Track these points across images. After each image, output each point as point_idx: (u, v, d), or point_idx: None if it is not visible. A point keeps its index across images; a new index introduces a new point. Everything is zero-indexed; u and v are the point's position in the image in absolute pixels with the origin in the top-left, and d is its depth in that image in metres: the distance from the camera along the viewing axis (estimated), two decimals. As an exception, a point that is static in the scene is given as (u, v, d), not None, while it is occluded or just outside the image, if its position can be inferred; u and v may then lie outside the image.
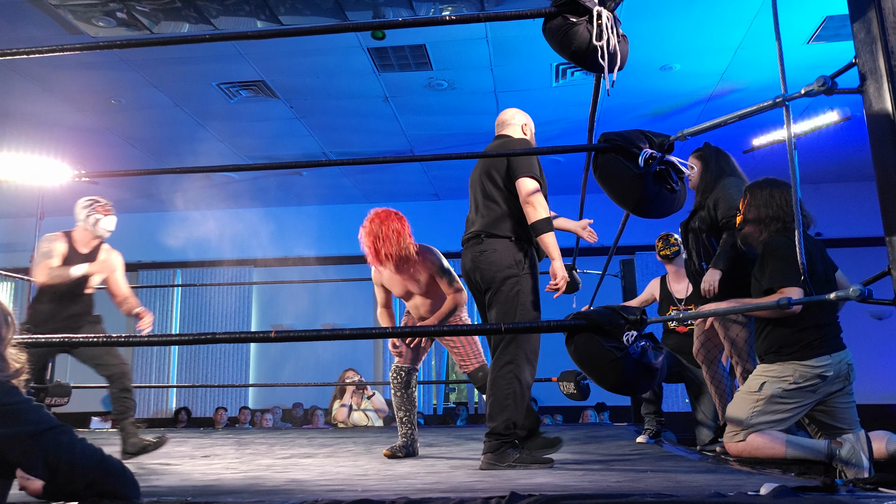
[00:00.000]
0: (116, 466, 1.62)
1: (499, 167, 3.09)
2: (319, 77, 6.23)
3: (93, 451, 1.59)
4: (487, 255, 3.04)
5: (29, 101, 6.53)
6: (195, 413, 9.36)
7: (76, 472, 1.52)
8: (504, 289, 2.99)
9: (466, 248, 3.16)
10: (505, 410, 2.91)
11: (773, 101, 1.76)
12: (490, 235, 3.07)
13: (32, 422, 1.49)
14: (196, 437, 4.87)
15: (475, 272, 3.09)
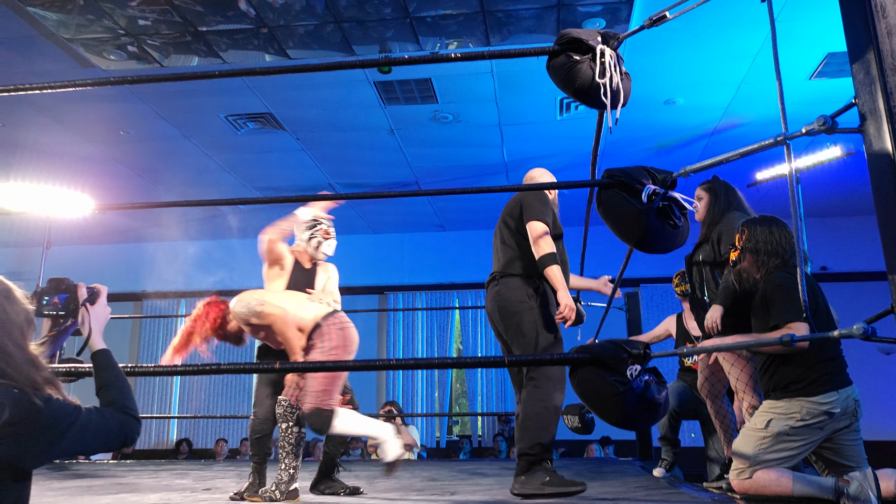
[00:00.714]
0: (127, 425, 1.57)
1: (513, 214, 3.33)
2: (326, 109, 6.30)
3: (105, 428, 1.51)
4: (502, 293, 3.22)
5: (40, 133, 6.60)
6: (196, 444, 9.30)
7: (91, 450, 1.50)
8: (518, 322, 3.15)
9: (488, 289, 3.35)
10: (529, 430, 3.00)
11: (775, 140, 1.78)
12: (504, 275, 3.27)
13: (48, 429, 1.41)
14: (197, 469, 4.83)
15: (494, 311, 3.26)
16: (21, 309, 1.51)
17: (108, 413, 1.53)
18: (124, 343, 9.91)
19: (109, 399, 1.58)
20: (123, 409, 1.56)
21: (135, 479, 3.91)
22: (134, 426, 1.56)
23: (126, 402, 1.58)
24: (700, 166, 1.97)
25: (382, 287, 9.92)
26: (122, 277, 9.65)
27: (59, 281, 1.78)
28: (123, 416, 1.55)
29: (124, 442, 1.54)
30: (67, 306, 1.75)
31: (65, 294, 1.75)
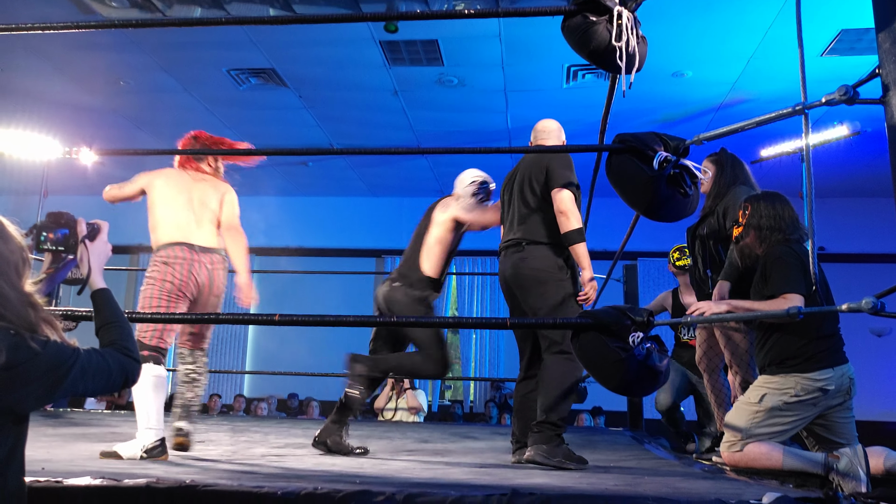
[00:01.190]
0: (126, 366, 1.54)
1: (537, 177, 3.15)
2: (330, 67, 6.22)
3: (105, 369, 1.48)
4: (528, 261, 3.08)
5: (38, 79, 6.52)
6: (189, 399, 9.35)
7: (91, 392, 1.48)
8: (542, 292, 3.03)
9: (506, 255, 3.18)
10: (563, 402, 2.95)
11: (793, 109, 1.75)
12: (531, 242, 3.11)
13: (47, 373, 1.38)
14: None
15: (516, 279, 3.11)
16: (16, 247, 1.47)
17: (108, 354, 1.51)
18: (119, 296, 9.87)
19: (110, 339, 1.56)
20: (124, 350, 1.54)
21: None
22: (135, 368, 1.54)
23: (127, 344, 1.55)
24: (713, 134, 1.94)
25: (379, 250, 9.91)
26: (118, 230, 9.55)
27: (59, 215, 1.73)
28: (124, 357, 1.53)
29: (125, 383, 1.52)
30: (66, 241, 1.70)
31: (64, 229, 1.71)
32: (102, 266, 1.71)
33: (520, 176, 3.23)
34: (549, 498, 1.51)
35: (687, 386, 4.59)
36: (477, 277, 9.45)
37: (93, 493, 1.62)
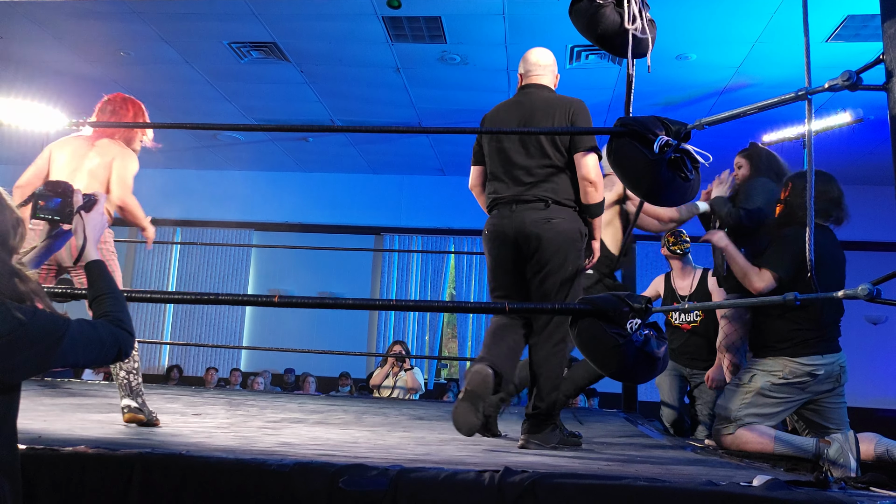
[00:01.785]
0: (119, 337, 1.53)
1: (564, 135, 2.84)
2: (332, 43, 6.17)
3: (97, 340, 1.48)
4: (556, 224, 2.78)
5: (38, 48, 6.46)
6: (187, 372, 9.40)
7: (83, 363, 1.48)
8: (564, 260, 2.78)
9: (520, 209, 2.82)
10: (554, 391, 2.81)
11: (796, 94, 1.74)
12: (558, 203, 2.81)
13: (35, 343, 1.37)
14: (187, 396, 4.89)
15: (537, 239, 2.78)
16: (8, 218, 1.45)
17: (100, 325, 1.50)
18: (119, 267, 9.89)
19: (103, 311, 1.55)
20: (118, 322, 1.53)
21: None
22: (128, 340, 1.53)
23: (120, 315, 1.55)
24: (715, 119, 1.94)
25: (379, 228, 9.91)
26: (118, 202, 9.57)
27: (56, 184, 1.72)
28: (118, 329, 1.52)
29: (118, 356, 1.51)
30: (62, 210, 1.70)
31: (60, 199, 1.70)
32: (98, 237, 1.70)
33: (534, 121, 2.86)
34: (540, 476, 1.53)
35: (684, 388, 4.59)
36: (476, 257, 9.46)
37: (88, 461, 1.63)
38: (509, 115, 2.93)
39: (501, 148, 2.88)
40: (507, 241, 2.85)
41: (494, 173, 2.92)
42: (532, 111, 2.87)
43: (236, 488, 1.58)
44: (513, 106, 2.95)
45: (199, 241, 9.73)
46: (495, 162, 2.92)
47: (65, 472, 1.60)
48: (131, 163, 3.25)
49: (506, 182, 2.87)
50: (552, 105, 2.87)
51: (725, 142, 7.15)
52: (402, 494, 1.53)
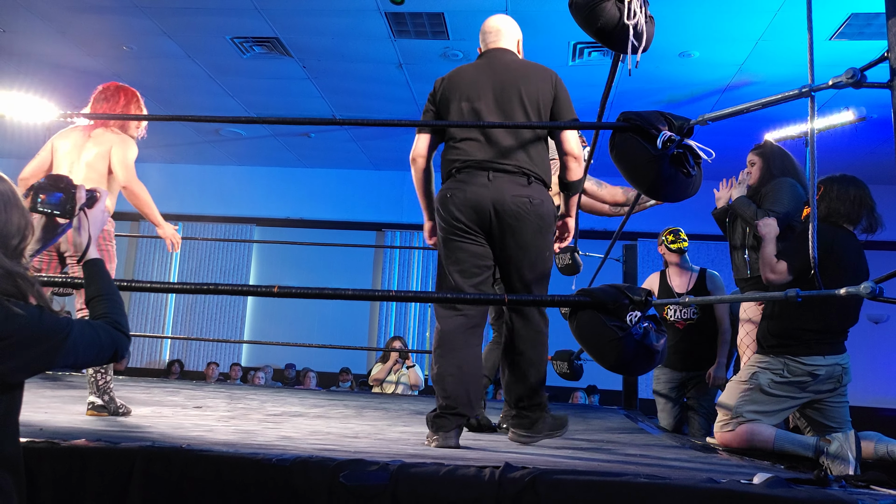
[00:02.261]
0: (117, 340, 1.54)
1: (545, 100, 2.60)
2: (334, 38, 6.17)
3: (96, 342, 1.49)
4: (537, 205, 2.55)
5: (41, 42, 6.46)
6: (188, 366, 9.42)
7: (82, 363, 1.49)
8: (545, 246, 2.59)
9: (498, 179, 2.54)
10: (542, 377, 2.63)
11: (800, 91, 1.74)
12: (538, 179, 2.59)
13: (40, 343, 1.37)
14: (188, 389, 4.89)
15: (514, 219, 2.53)
16: (21, 219, 1.45)
17: (99, 327, 1.51)
18: (119, 261, 9.91)
19: (101, 311, 1.56)
20: (115, 324, 1.54)
21: (127, 394, 3.95)
22: (125, 343, 1.54)
23: (118, 318, 1.56)
24: (718, 115, 1.93)
25: (380, 224, 9.91)
26: (120, 196, 9.58)
27: (59, 179, 1.69)
28: (115, 331, 1.53)
29: (113, 357, 1.52)
30: (63, 206, 1.67)
31: (61, 193, 1.68)
32: (98, 235, 1.69)
33: (512, 87, 2.60)
34: (541, 472, 1.53)
35: (683, 412, 4.57)
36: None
37: (90, 454, 1.63)
38: (479, 77, 2.64)
39: (475, 109, 2.61)
40: (484, 212, 2.55)
41: (463, 135, 2.62)
42: (507, 73, 2.62)
43: (237, 482, 1.59)
44: (482, 68, 2.67)
45: (200, 237, 9.73)
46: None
47: (66, 466, 1.61)
48: (130, 148, 3.27)
49: (479, 142, 2.58)
50: (529, 69, 2.64)
51: (728, 140, 7.16)
52: (403, 489, 1.53)
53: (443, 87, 2.69)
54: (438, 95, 2.70)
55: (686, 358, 4.37)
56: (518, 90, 2.58)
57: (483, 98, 2.59)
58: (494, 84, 2.60)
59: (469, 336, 2.57)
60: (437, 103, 2.71)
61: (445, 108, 2.67)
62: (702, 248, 9.15)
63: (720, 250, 9.17)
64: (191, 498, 1.59)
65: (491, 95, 2.59)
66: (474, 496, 1.51)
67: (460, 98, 2.62)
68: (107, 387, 3.01)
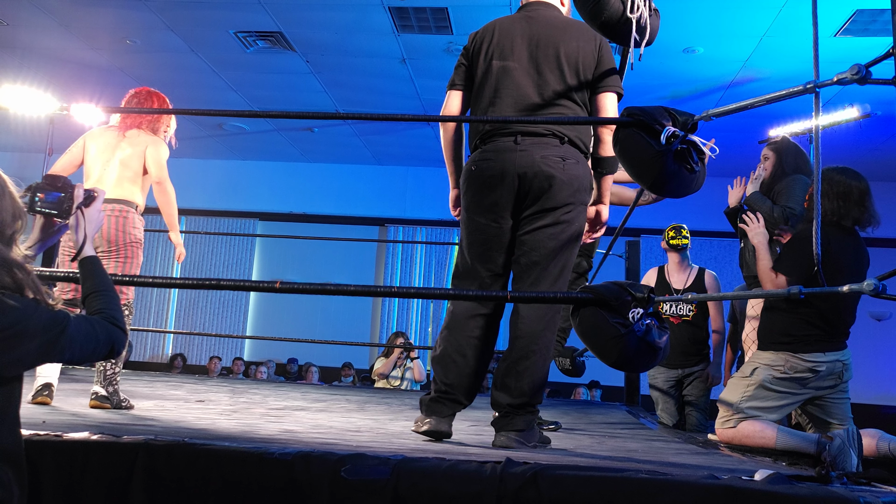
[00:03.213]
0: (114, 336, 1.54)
1: (587, 61, 2.38)
2: (338, 33, 6.16)
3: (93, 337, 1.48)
4: (571, 167, 2.32)
5: (44, 35, 6.46)
6: (190, 360, 9.44)
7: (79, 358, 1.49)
8: (569, 219, 2.35)
9: (527, 144, 2.32)
10: (545, 383, 2.42)
11: (805, 87, 1.73)
12: (572, 143, 2.36)
13: (36, 337, 1.37)
14: (191, 383, 4.90)
15: (545, 179, 2.30)
16: (9, 206, 1.45)
17: (96, 322, 1.51)
18: (122, 256, 9.92)
19: (97, 307, 1.56)
20: (111, 319, 1.54)
21: (130, 388, 3.96)
22: (121, 338, 1.55)
23: (114, 313, 1.56)
24: (723, 110, 1.93)
25: (383, 219, 9.92)
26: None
27: (56, 178, 1.69)
28: (111, 326, 1.53)
29: (110, 353, 1.52)
30: (60, 206, 1.67)
31: (59, 193, 1.68)
32: (94, 234, 1.69)
33: (549, 45, 2.38)
34: (543, 468, 1.53)
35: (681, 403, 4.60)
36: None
37: (92, 447, 1.63)
38: (514, 31, 2.43)
39: (505, 68, 2.40)
40: (508, 181, 2.34)
41: (492, 99, 2.42)
42: (547, 29, 2.40)
43: (239, 475, 1.59)
44: (520, 21, 2.45)
45: (203, 231, 9.74)
46: (498, 84, 2.42)
47: (68, 458, 1.61)
48: (163, 148, 3.40)
49: (509, 109, 2.40)
50: (572, 26, 2.41)
51: (731, 136, 7.15)
52: (404, 483, 1.53)
53: (475, 41, 2.50)
54: (472, 50, 2.50)
55: (679, 354, 4.41)
56: (556, 48, 2.36)
57: (516, 55, 2.38)
58: (531, 40, 2.39)
59: (480, 322, 2.40)
60: (469, 58, 2.51)
61: (476, 63, 2.47)
62: (704, 244, 9.15)
63: (723, 247, 9.17)
64: (193, 491, 1.59)
65: (525, 52, 2.39)
66: (476, 491, 1.51)
67: (492, 54, 2.42)
68: (114, 378, 3.04)
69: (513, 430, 2.33)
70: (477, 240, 2.42)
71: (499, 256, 2.42)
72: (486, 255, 2.42)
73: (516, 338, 2.38)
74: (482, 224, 2.40)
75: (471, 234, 2.43)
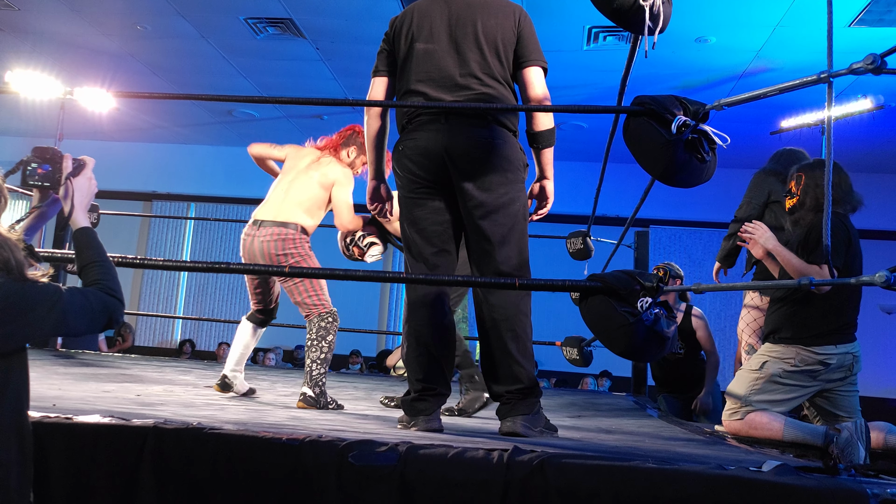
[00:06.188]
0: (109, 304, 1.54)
1: (506, 38, 2.36)
2: (348, 20, 6.14)
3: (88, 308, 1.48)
4: (499, 147, 2.30)
5: (55, 20, 6.46)
6: (199, 346, 9.48)
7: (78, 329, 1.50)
8: (509, 199, 2.33)
9: (453, 123, 2.31)
10: (532, 358, 2.38)
11: (818, 77, 1.71)
12: (497, 122, 2.33)
13: (28, 312, 1.37)
14: (200, 369, 4.93)
15: (472, 163, 2.30)
16: None
17: (90, 293, 1.50)
18: (132, 242, 9.98)
19: (93, 278, 1.55)
20: (108, 290, 1.53)
21: (139, 372, 3.99)
22: (118, 307, 1.54)
23: (110, 283, 1.55)
24: (734, 100, 1.91)
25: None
26: (133, 176, 9.64)
27: (44, 150, 1.68)
28: (107, 297, 1.52)
29: (108, 324, 1.52)
30: (52, 177, 1.67)
31: (49, 165, 1.68)
32: (87, 203, 1.67)
33: (468, 23, 2.37)
34: (549, 456, 1.53)
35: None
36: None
37: (102, 431, 1.65)
38: (433, 13, 2.40)
39: (427, 50, 2.37)
40: (438, 159, 2.33)
41: (416, 82, 2.40)
42: (463, 8, 2.38)
43: (247, 461, 1.60)
44: (437, 3, 2.43)
45: (213, 217, 9.76)
46: (419, 66, 2.40)
47: (78, 441, 1.62)
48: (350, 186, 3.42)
49: (431, 92, 2.37)
50: (490, 4, 2.39)
51: (744, 126, 7.11)
52: (411, 470, 1.53)
53: (395, 26, 2.50)
54: (392, 34, 2.50)
55: (679, 388, 4.63)
56: (474, 26, 2.35)
57: (436, 36, 2.37)
58: (449, 20, 2.38)
59: (434, 306, 2.38)
60: (390, 42, 2.51)
61: (398, 47, 2.46)
62: (714, 235, 9.10)
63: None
64: (201, 475, 1.60)
65: (445, 33, 2.37)
66: (482, 478, 1.51)
67: (412, 37, 2.40)
68: (320, 379, 3.12)
69: (518, 415, 2.31)
70: (417, 216, 2.42)
71: (443, 229, 2.41)
72: (428, 229, 2.40)
73: (492, 327, 2.34)
74: (419, 198, 2.40)
75: (408, 213, 2.43)
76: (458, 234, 2.46)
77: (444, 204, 2.39)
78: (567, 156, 8.50)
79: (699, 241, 8.93)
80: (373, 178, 2.59)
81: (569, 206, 6.56)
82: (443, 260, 2.42)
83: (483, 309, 2.36)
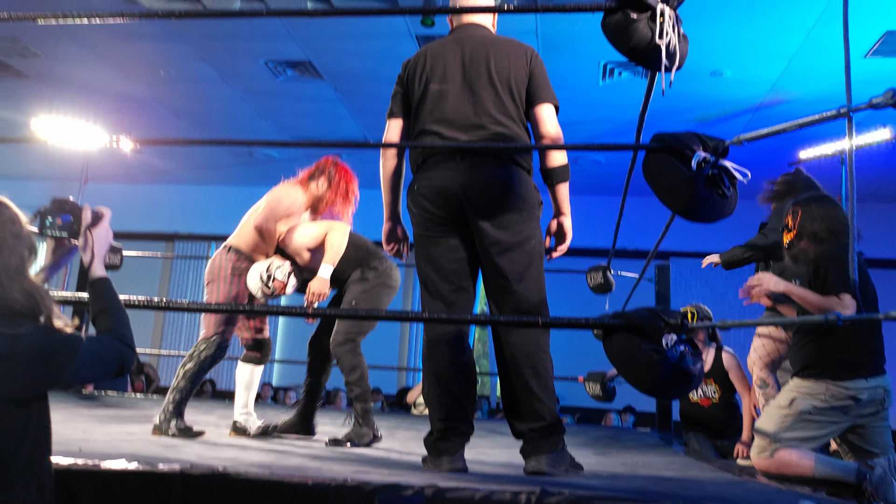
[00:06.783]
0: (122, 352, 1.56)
1: (518, 78, 2.41)
2: (366, 61, 6.24)
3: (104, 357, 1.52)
4: (514, 186, 2.33)
5: (80, 67, 6.63)
6: (220, 385, 9.49)
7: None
8: (525, 237, 2.36)
9: (468, 162, 2.33)
10: (553, 395, 2.36)
11: (838, 112, 1.72)
12: (512, 161, 2.36)
13: (49, 360, 1.40)
14: (221, 408, 4.93)
15: (489, 202, 2.32)
16: (25, 236, 1.49)
17: (105, 341, 1.53)
18: (154, 282, 10.07)
19: (107, 326, 1.58)
20: (121, 337, 1.56)
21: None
22: (130, 356, 1.57)
23: (123, 331, 1.58)
24: (754, 135, 1.92)
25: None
26: (156, 217, 9.77)
27: (63, 202, 1.72)
28: (121, 344, 1.55)
29: (120, 371, 1.55)
30: (70, 227, 1.69)
31: (68, 215, 1.70)
32: (103, 253, 1.71)
33: (481, 64, 2.41)
34: (578, 498, 1.51)
35: None
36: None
37: (128, 477, 1.65)
38: (447, 54, 2.45)
39: (442, 91, 2.41)
40: (451, 198, 2.35)
41: (431, 122, 2.43)
42: (476, 48, 2.43)
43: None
44: (449, 44, 2.48)
45: (233, 257, 9.83)
46: (434, 107, 2.43)
47: (106, 488, 1.63)
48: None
49: (446, 132, 2.39)
50: (501, 43, 2.45)
51: (762, 158, 7.08)
52: (437, 513, 1.52)
53: (408, 68, 2.54)
54: (406, 77, 2.53)
55: (717, 433, 4.46)
56: (487, 67, 2.40)
57: (450, 77, 2.41)
58: (462, 61, 2.43)
59: (453, 345, 2.38)
60: (405, 85, 2.54)
61: (412, 90, 2.49)
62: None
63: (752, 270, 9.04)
64: (227, 520, 1.60)
65: (459, 74, 2.41)
66: (510, 521, 1.49)
67: (426, 79, 2.44)
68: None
69: (543, 454, 2.30)
70: (433, 254, 2.44)
71: (460, 266, 2.43)
72: (446, 267, 2.42)
73: (512, 364, 2.33)
74: (435, 237, 2.42)
75: (425, 251, 2.45)
76: (474, 272, 2.47)
77: (459, 242, 2.41)
78: (585, 190, 8.52)
79: (720, 273, 8.78)
80: (388, 220, 2.61)
81: (587, 240, 6.56)
82: (460, 297, 2.44)
83: (503, 347, 2.37)
